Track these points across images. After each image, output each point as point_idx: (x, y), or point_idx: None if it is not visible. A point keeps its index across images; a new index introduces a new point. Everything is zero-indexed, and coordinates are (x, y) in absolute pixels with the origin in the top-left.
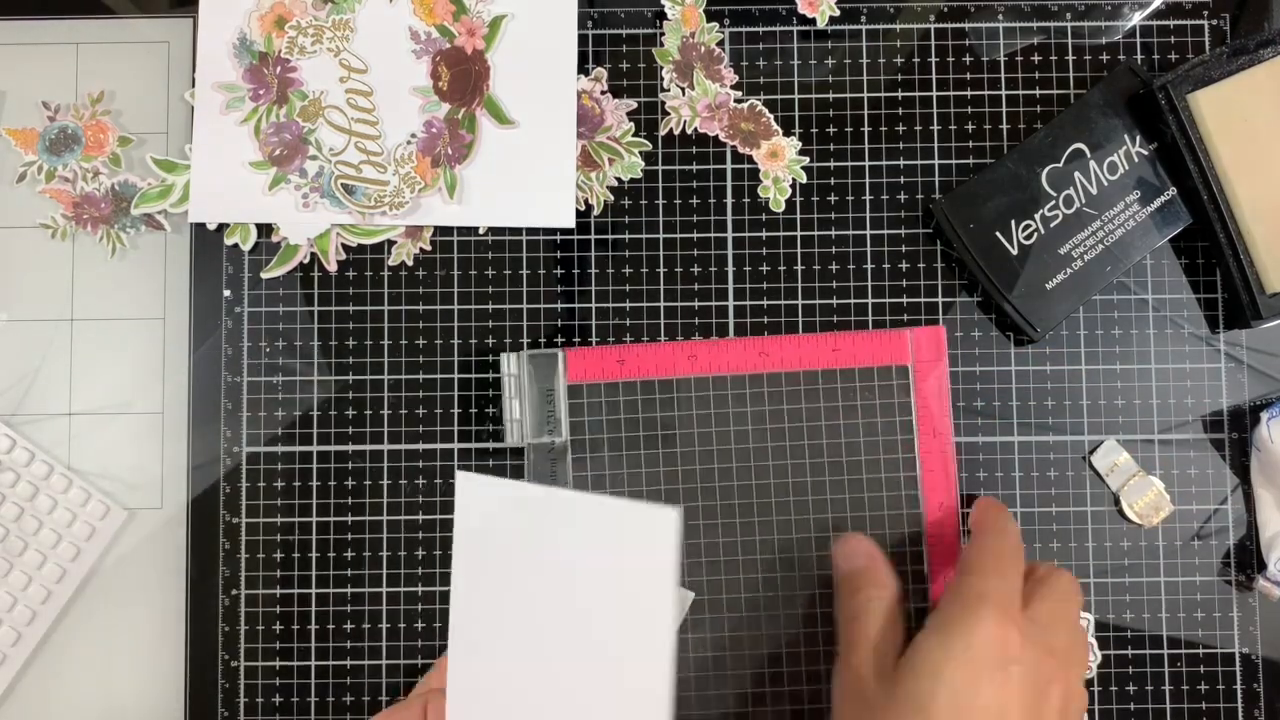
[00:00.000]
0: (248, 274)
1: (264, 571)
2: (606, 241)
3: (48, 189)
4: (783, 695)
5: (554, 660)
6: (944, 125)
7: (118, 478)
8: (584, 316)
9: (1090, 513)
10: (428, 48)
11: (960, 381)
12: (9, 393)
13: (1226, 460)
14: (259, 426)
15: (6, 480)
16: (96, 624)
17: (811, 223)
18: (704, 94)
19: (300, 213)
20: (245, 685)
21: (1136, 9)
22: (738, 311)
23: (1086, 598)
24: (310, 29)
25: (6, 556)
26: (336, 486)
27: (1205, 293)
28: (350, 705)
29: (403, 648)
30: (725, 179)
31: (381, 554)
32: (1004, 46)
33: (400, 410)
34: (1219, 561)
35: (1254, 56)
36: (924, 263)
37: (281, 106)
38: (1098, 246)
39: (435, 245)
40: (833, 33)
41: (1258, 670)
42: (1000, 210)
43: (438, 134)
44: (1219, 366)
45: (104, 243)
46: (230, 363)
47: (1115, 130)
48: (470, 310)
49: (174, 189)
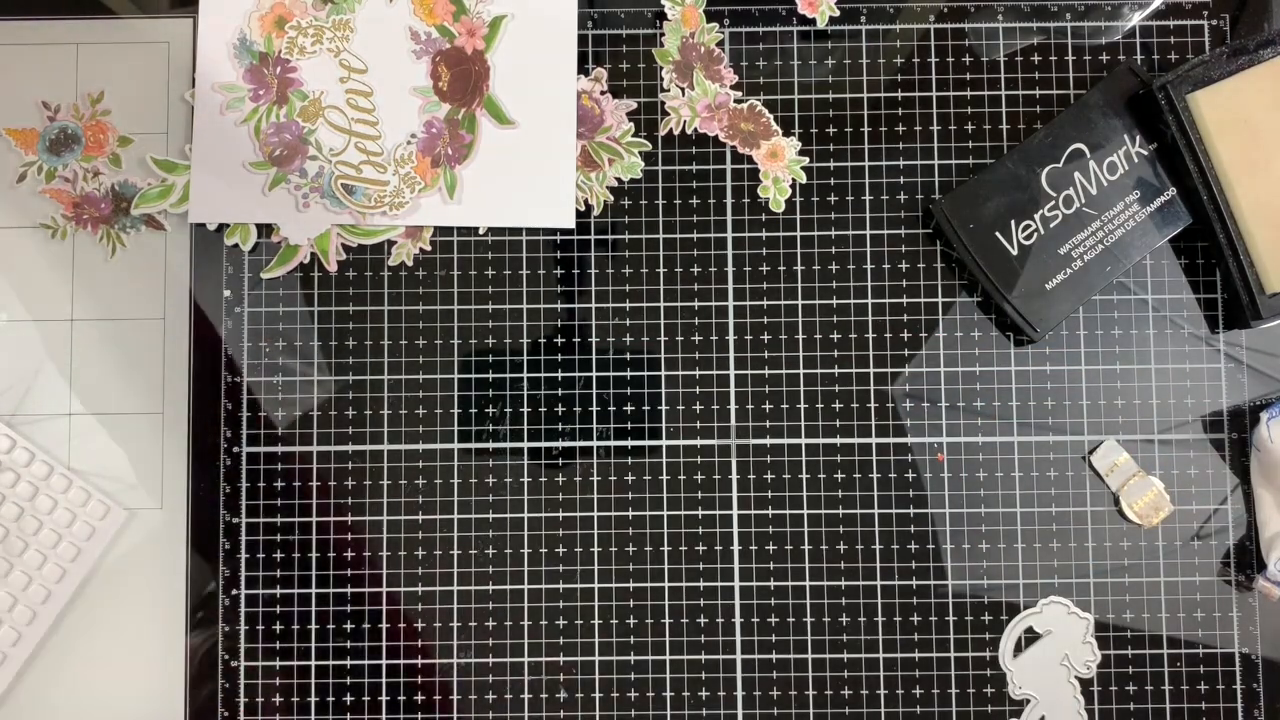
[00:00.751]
0: (248, 274)
1: (264, 571)
2: (606, 241)
3: (48, 189)
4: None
5: None
6: (944, 125)
7: (118, 478)
8: (584, 316)
9: (1090, 513)
10: (428, 48)
11: (960, 381)
12: (9, 393)
13: (1226, 460)
14: (259, 426)
15: (6, 480)
16: (97, 624)
17: (811, 223)
18: (704, 94)
19: (300, 213)
20: (245, 685)
21: (1136, 9)
22: (737, 311)
23: (1086, 598)
24: (310, 29)
25: (7, 556)
26: (336, 486)
27: (1205, 293)
28: (350, 705)
29: (403, 648)
30: (725, 179)
31: (381, 554)
32: (1004, 46)
33: (400, 410)
34: (1219, 561)
35: (1254, 56)
36: (924, 263)
37: (281, 107)
38: (1098, 246)
39: (435, 245)
40: (833, 33)
41: (1258, 670)
42: (1000, 210)
43: (438, 134)
44: (1219, 366)
45: (104, 243)
46: (230, 363)
47: (1115, 130)
48: (470, 310)
49: (174, 189)
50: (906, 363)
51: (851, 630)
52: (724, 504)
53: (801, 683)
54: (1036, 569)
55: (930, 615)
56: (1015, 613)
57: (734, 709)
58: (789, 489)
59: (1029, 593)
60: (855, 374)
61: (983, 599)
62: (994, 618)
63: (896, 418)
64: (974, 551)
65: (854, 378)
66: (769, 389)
